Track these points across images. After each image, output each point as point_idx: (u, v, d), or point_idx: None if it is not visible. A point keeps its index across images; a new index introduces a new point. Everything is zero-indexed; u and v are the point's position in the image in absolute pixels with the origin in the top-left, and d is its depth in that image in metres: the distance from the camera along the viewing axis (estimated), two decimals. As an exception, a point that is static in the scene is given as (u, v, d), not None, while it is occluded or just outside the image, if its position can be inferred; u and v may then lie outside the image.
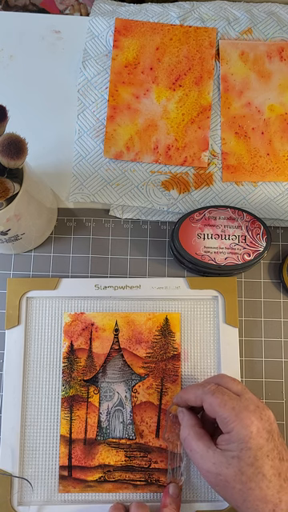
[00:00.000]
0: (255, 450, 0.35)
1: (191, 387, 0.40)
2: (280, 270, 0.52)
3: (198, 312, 0.49)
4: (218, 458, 0.36)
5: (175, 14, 0.55)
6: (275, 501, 0.34)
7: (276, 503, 0.34)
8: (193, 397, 0.39)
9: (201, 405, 0.39)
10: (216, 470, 0.36)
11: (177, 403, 0.42)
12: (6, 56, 0.56)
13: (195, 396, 0.39)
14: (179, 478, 0.44)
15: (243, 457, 0.35)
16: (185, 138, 0.53)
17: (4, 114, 0.37)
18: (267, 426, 0.36)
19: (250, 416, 0.35)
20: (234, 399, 0.37)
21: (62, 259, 0.51)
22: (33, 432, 0.46)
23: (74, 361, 0.47)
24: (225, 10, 0.56)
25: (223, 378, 0.39)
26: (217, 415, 0.37)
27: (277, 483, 0.34)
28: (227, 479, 0.35)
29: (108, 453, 0.46)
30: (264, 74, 0.54)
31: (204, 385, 0.39)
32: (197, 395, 0.39)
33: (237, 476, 0.35)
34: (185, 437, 0.39)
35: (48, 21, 0.57)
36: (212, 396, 0.37)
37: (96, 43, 0.55)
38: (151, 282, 0.49)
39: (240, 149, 0.53)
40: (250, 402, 0.37)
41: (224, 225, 0.47)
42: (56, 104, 0.55)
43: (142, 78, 0.54)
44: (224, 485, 0.36)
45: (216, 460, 0.36)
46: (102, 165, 0.53)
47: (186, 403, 0.41)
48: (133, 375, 0.47)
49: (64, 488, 0.45)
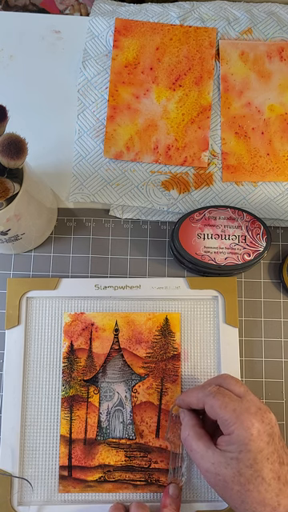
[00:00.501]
0: (255, 452, 0.34)
1: (193, 390, 0.40)
2: (280, 269, 0.52)
3: (198, 312, 0.49)
4: (218, 458, 0.36)
5: (175, 14, 0.55)
6: (274, 504, 0.34)
7: (274, 506, 0.34)
8: (195, 399, 0.39)
9: (203, 407, 0.39)
10: (215, 470, 0.36)
11: (179, 405, 0.42)
12: (6, 56, 0.56)
13: (197, 399, 0.39)
14: (180, 478, 0.44)
15: (242, 459, 0.35)
16: (185, 137, 0.53)
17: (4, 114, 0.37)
18: (268, 429, 0.35)
19: (250, 418, 0.35)
20: (235, 401, 0.37)
21: (61, 259, 0.51)
22: (33, 432, 0.46)
23: (74, 361, 0.47)
24: (225, 10, 0.56)
25: (225, 379, 0.39)
26: (218, 417, 0.37)
27: (276, 486, 0.34)
28: (226, 479, 0.35)
29: (108, 453, 0.46)
30: (264, 73, 0.54)
31: (205, 387, 0.39)
32: (198, 398, 0.39)
33: (235, 477, 0.35)
34: (185, 437, 0.39)
35: (48, 21, 0.57)
36: (213, 398, 0.37)
37: (96, 43, 0.55)
38: (151, 281, 0.49)
39: (240, 149, 0.53)
40: (252, 404, 0.36)
41: (224, 225, 0.47)
42: (56, 104, 0.55)
43: (141, 78, 0.54)
44: (223, 485, 0.35)
45: (215, 460, 0.36)
46: (102, 165, 0.53)
47: (188, 406, 0.41)
48: (133, 375, 0.47)
49: (64, 488, 0.45)
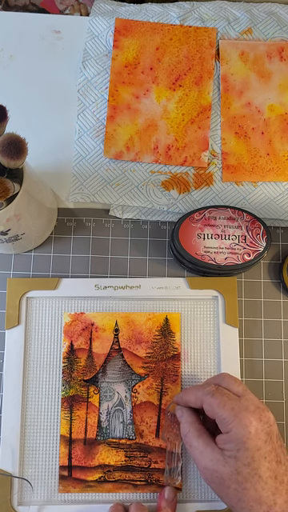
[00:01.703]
0: (253, 450, 0.35)
1: (192, 388, 0.40)
2: (280, 269, 0.52)
3: (198, 312, 0.49)
4: (216, 455, 0.36)
5: (175, 14, 0.55)
6: (270, 502, 0.34)
7: (270, 505, 0.34)
8: (193, 398, 0.39)
9: (201, 406, 0.39)
10: (213, 467, 0.36)
11: (177, 403, 0.42)
12: (6, 56, 0.56)
13: (195, 397, 0.39)
14: (176, 477, 0.44)
15: (240, 457, 0.35)
16: (185, 137, 0.53)
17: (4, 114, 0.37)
18: (266, 428, 0.36)
19: (248, 416, 0.35)
20: (234, 400, 0.37)
21: (61, 259, 0.51)
22: (33, 432, 0.46)
23: (74, 361, 0.47)
24: (225, 10, 0.56)
25: (224, 378, 0.39)
26: (216, 416, 0.37)
27: (272, 485, 0.34)
28: (223, 477, 0.35)
29: (108, 453, 0.46)
30: (264, 73, 0.54)
31: (204, 386, 0.39)
32: (197, 396, 0.39)
33: (233, 475, 0.35)
34: (186, 433, 0.39)
35: (48, 21, 0.57)
36: (211, 397, 0.37)
37: (96, 43, 0.55)
38: (151, 281, 0.49)
39: (240, 149, 0.53)
40: (250, 403, 0.37)
41: (224, 225, 0.47)
42: (56, 104, 0.55)
43: (141, 78, 0.54)
44: (220, 482, 0.36)
45: (213, 457, 0.36)
46: (102, 165, 0.53)
47: (186, 404, 0.41)
48: (133, 375, 0.47)
49: (64, 488, 0.45)
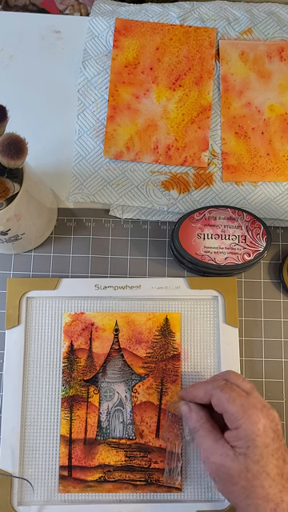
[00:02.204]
0: (261, 447, 0.35)
1: (200, 383, 0.41)
2: (280, 270, 0.52)
3: (198, 312, 0.49)
4: (226, 450, 0.36)
5: (175, 14, 0.55)
6: (277, 500, 0.34)
7: (278, 502, 0.34)
8: (202, 392, 0.40)
9: (208, 401, 0.39)
10: (221, 461, 0.36)
11: (183, 397, 0.42)
12: (6, 56, 0.56)
13: (205, 391, 0.39)
14: (176, 477, 0.44)
15: (250, 454, 0.35)
16: (185, 137, 0.53)
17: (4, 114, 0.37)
18: (273, 426, 0.36)
19: (257, 413, 0.36)
20: (243, 396, 0.37)
21: (62, 259, 0.51)
22: (33, 432, 0.46)
23: (74, 361, 0.47)
24: (225, 10, 0.56)
25: (231, 375, 0.40)
26: (225, 411, 0.37)
27: (280, 483, 0.35)
28: (230, 473, 0.35)
29: (108, 453, 0.46)
30: (264, 74, 0.54)
31: (213, 380, 0.40)
32: (206, 390, 0.39)
33: (242, 473, 0.35)
34: (197, 428, 0.39)
35: (48, 21, 0.57)
36: (221, 391, 0.37)
37: (96, 43, 0.55)
38: (151, 281, 0.49)
39: (240, 149, 0.53)
40: (258, 401, 0.37)
41: (224, 225, 0.47)
42: (56, 104, 0.55)
43: (141, 78, 0.54)
44: (226, 478, 0.36)
45: (223, 452, 0.36)
46: (102, 165, 0.53)
47: (192, 399, 0.41)
48: (133, 375, 0.47)
49: (64, 488, 0.45)
